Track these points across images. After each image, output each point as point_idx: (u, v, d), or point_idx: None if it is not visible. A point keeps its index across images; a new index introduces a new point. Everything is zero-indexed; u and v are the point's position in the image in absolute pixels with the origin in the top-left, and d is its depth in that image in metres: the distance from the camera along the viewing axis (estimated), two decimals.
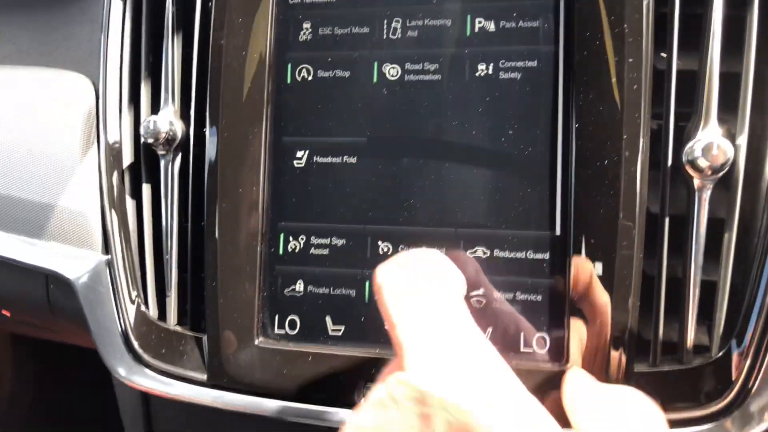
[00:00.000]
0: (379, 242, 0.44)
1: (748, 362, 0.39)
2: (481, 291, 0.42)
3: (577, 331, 0.41)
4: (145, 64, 0.51)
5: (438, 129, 0.44)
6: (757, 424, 0.38)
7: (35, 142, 0.53)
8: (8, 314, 0.69)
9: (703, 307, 0.41)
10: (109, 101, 0.50)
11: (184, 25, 0.50)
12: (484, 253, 0.43)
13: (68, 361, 1.35)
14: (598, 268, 0.40)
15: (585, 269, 0.40)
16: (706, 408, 0.39)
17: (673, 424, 0.39)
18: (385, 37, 0.45)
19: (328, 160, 0.46)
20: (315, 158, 0.46)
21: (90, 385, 1.39)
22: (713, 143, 0.39)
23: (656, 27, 0.41)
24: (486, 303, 0.42)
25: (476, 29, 0.44)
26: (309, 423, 0.44)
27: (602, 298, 0.40)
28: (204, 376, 0.47)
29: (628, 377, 0.40)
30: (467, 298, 0.41)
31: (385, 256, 0.44)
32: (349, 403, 0.43)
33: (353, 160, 0.45)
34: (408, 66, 0.45)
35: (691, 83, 0.42)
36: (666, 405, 0.40)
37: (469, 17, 0.44)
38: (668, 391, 0.40)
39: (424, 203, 0.44)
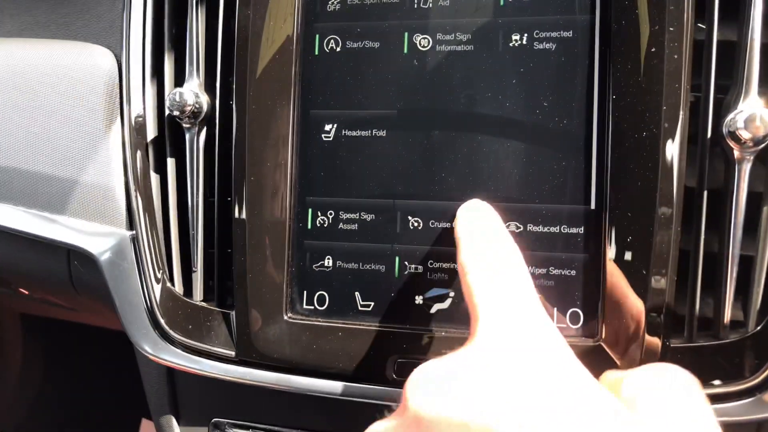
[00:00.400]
0: (409, 217, 0.44)
1: None
2: None
3: (613, 307, 0.40)
4: (168, 36, 0.50)
5: (470, 101, 0.43)
6: None
7: (58, 115, 0.52)
8: (26, 292, 0.68)
9: (739, 282, 0.41)
10: (133, 75, 0.50)
11: None
12: (518, 227, 0.42)
13: (77, 340, 1.35)
14: (635, 243, 0.40)
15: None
16: (743, 383, 0.39)
17: (710, 398, 0.39)
18: (416, 6, 0.44)
19: (357, 133, 0.45)
20: (344, 131, 0.45)
21: (99, 364, 1.39)
22: (756, 114, 0.38)
23: None
24: None
25: None
26: (339, 398, 0.44)
27: (638, 273, 0.39)
28: (232, 352, 0.46)
29: (664, 352, 0.40)
30: None
31: (416, 232, 0.44)
32: (380, 379, 0.43)
33: (383, 133, 0.44)
34: (439, 36, 0.44)
35: (730, 54, 0.41)
36: (702, 380, 0.40)
37: None
38: (704, 366, 0.40)
39: (456, 177, 0.43)
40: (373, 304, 0.44)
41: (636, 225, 0.40)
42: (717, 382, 0.40)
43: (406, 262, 0.44)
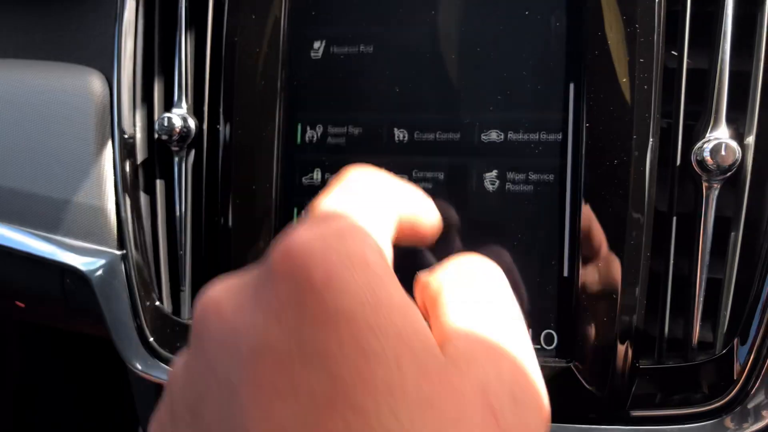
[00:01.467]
0: (395, 129, 0.45)
1: (751, 361, 0.40)
2: None
3: (585, 328, 0.41)
4: (158, 59, 0.51)
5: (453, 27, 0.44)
6: (756, 422, 0.39)
7: (50, 137, 0.53)
8: (22, 305, 0.70)
9: (709, 304, 0.42)
10: (123, 97, 0.51)
11: (196, 20, 0.51)
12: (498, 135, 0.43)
13: (77, 348, 1.37)
14: (606, 267, 0.41)
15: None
16: (708, 404, 0.40)
17: (676, 419, 0.40)
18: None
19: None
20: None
21: (98, 372, 1.41)
22: (722, 144, 0.40)
23: (667, 24, 0.42)
24: None
25: None
26: None
27: (609, 296, 0.41)
28: None
29: (633, 372, 0.41)
30: None
31: (401, 144, 0.45)
32: None
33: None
34: None
35: (702, 82, 0.42)
36: (670, 400, 0.41)
37: None
38: (673, 387, 0.41)
39: (439, 90, 0.44)
40: None
41: (607, 249, 0.41)
42: (684, 402, 0.41)
43: (391, 173, 0.45)
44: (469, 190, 0.44)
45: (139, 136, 0.51)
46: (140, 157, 0.51)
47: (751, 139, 0.41)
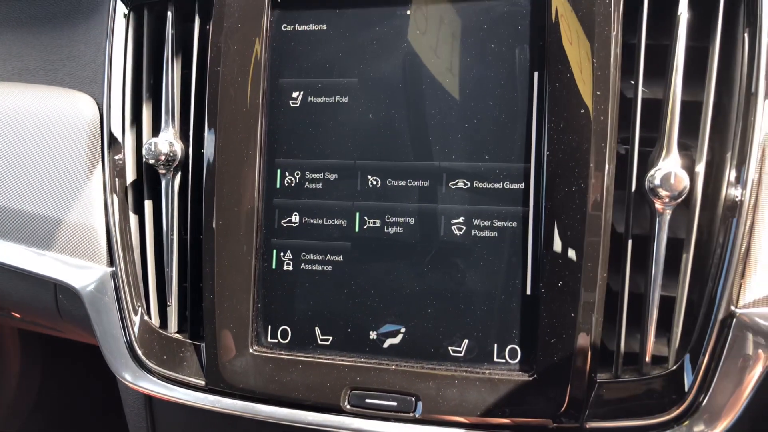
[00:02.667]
0: (369, 176, 0.48)
1: (701, 375, 0.42)
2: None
3: (546, 344, 0.44)
4: (146, 86, 0.54)
5: (424, 78, 0.47)
6: None
7: (43, 158, 0.56)
8: (18, 315, 0.73)
9: (664, 321, 0.44)
10: (113, 122, 0.54)
11: (183, 49, 0.53)
12: (465, 184, 0.46)
13: (73, 354, 1.39)
14: (565, 286, 0.43)
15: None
16: (660, 416, 0.43)
17: (629, 431, 0.43)
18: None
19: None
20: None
21: (95, 378, 1.43)
22: (671, 173, 0.42)
23: (624, 55, 0.44)
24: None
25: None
26: (298, 426, 0.48)
27: (568, 313, 0.43)
28: (202, 382, 0.50)
29: (591, 386, 0.44)
30: None
31: (374, 189, 0.48)
32: (335, 408, 0.47)
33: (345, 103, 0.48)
34: None
35: (657, 110, 0.45)
36: (625, 412, 0.44)
37: None
38: (628, 400, 0.44)
39: (411, 140, 0.47)
40: (331, 338, 0.48)
41: (566, 270, 0.44)
42: (639, 414, 0.43)
43: (365, 217, 0.48)
44: (438, 235, 0.46)
45: (128, 158, 0.54)
46: (129, 178, 0.54)
47: (701, 167, 0.44)
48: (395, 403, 0.46)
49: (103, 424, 1.45)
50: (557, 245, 0.44)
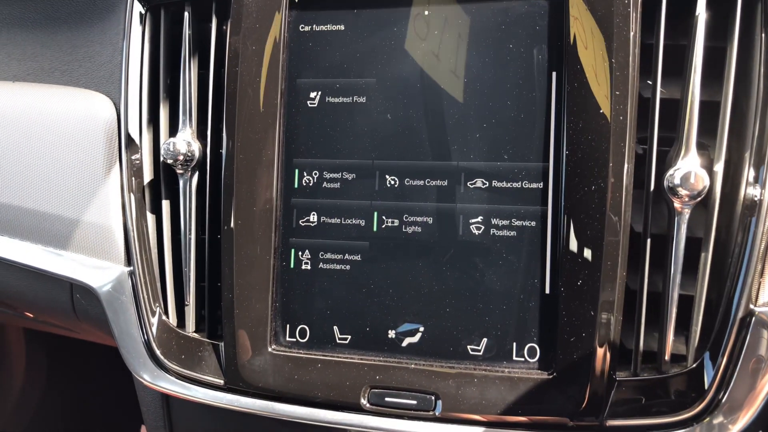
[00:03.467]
0: (387, 176, 0.48)
1: (720, 373, 0.42)
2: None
3: (566, 342, 0.44)
4: (163, 86, 0.54)
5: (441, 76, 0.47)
6: (725, 431, 0.42)
7: (62, 158, 0.56)
8: (31, 315, 0.73)
9: (682, 319, 0.45)
10: (131, 122, 0.54)
11: (199, 49, 0.54)
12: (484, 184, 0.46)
13: (79, 354, 1.39)
14: (584, 285, 0.44)
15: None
16: (679, 414, 0.43)
17: (650, 428, 0.43)
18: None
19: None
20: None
21: (99, 373, 1.43)
22: (691, 172, 0.42)
23: (643, 55, 0.44)
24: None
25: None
26: (317, 425, 0.48)
27: (588, 312, 0.44)
28: (221, 381, 0.50)
29: (610, 384, 0.44)
30: None
31: (392, 189, 0.48)
32: (354, 407, 0.47)
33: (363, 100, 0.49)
34: None
35: (675, 109, 0.45)
36: (644, 410, 0.44)
37: None
38: (647, 398, 0.44)
39: (429, 139, 0.47)
40: (349, 337, 0.48)
41: (586, 268, 0.44)
42: (657, 412, 0.44)
43: (383, 217, 0.48)
44: (457, 234, 0.47)
45: (146, 158, 0.54)
46: (146, 178, 0.54)
47: (719, 166, 0.44)
48: (415, 402, 0.46)
49: (107, 423, 1.45)
50: (576, 244, 0.44)
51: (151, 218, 0.54)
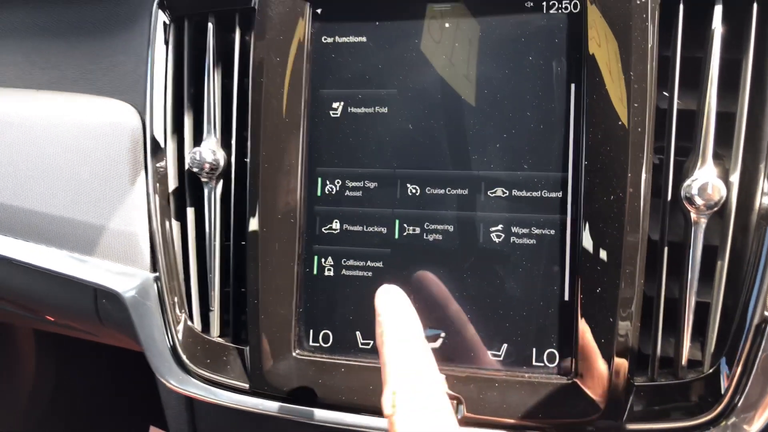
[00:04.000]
0: (408, 185, 0.49)
1: (736, 378, 0.44)
2: None
3: (584, 348, 0.45)
4: (187, 95, 0.55)
5: (462, 87, 0.48)
6: None
7: (88, 166, 0.57)
8: (52, 319, 0.74)
9: (698, 326, 0.46)
10: (156, 131, 0.55)
11: (223, 59, 0.55)
12: (504, 193, 0.47)
13: (88, 352, 1.41)
14: (603, 292, 0.45)
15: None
16: (696, 418, 0.44)
17: None
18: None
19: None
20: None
21: (108, 375, 1.44)
22: (708, 183, 0.44)
23: (659, 67, 0.45)
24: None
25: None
26: (341, 428, 0.49)
27: (606, 318, 0.45)
28: (246, 385, 0.52)
29: (629, 389, 0.45)
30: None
31: (413, 197, 0.49)
32: (378, 411, 0.48)
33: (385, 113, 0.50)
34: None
35: (691, 120, 0.46)
36: (662, 415, 0.45)
37: None
38: (664, 402, 0.45)
39: (450, 148, 0.48)
40: (372, 342, 0.50)
41: (604, 276, 0.45)
42: (674, 416, 0.45)
43: (405, 225, 0.49)
44: (477, 242, 0.48)
45: (170, 166, 0.55)
46: (171, 185, 0.55)
47: (735, 177, 0.45)
48: None
49: (117, 424, 1.46)
50: (595, 252, 0.45)
51: (175, 225, 0.55)
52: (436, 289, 0.48)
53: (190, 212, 0.55)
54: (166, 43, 0.56)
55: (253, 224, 0.51)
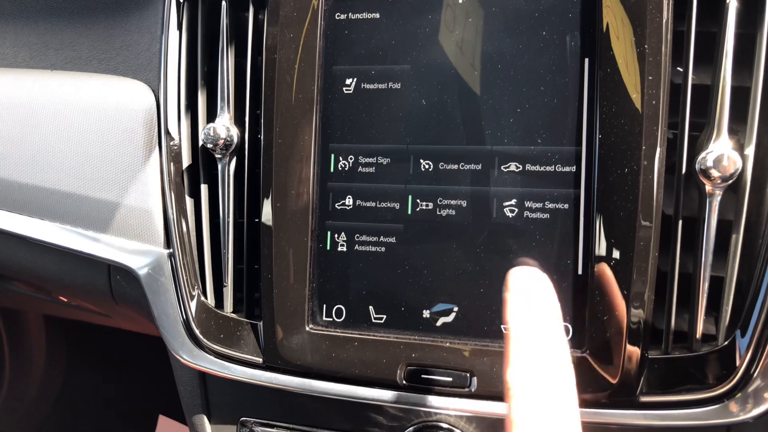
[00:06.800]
0: (421, 160, 0.49)
1: (751, 350, 0.44)
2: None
3: (597, 321, 0.45)
4: (201, 73, 0.56)
5: (474, 63, 0.48)
6: (757, 406, 0.43)
7: (102, 144, 0.58)
8: (65, 300, 0.74)
9: (711, 300, 0.46)
10: (170, 108, 0.55)
11: (237, 37, 0.55)
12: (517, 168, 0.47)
13: (97, 341, 1.42)
14: (617, 265, 0.45)
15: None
16: (711, 391, 0.44)
17: (682, 404, 0.44)
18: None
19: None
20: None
21: (118, 363, 1.45)
22: (724, 155, 0.43)
23: (674, 43, 0.45)
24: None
25: None
26: (354, 401, 0.50)
27: (620, 292, 0.45)
28: (259, 359, 0.52)
29: (643, 362, 0.45)
30: None
31: (426, 173, 0.49)
32: (391, 384, 0.48)
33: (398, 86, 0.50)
34: None
35: (705, 96, 0.46)
36: (677, 387, 0.45)
37: None
38: (678, 375, 0.45)
39: (463, 124, 0.48)
40: (385, 317, 0.50)
41: (618, 249, 0.45)
42: (689, 388, 0.45)
43: (418, 200, 0.49)
44: (491, 217, 0.48)
45: (184, 144, 0.56)
46: (185, 162, 0.56)
47: (750, 150, 0.45)
48: (450, 379, 0.47)
49: (126, 414, 1.47)
50: (609, 226, 0.45)
51: (189, 202, 0.56)
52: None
53: (204, 189, 0.55)
54: (180, 22, 0.56)
55: (267, 200, 0.51)
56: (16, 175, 0.60)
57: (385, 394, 0.49)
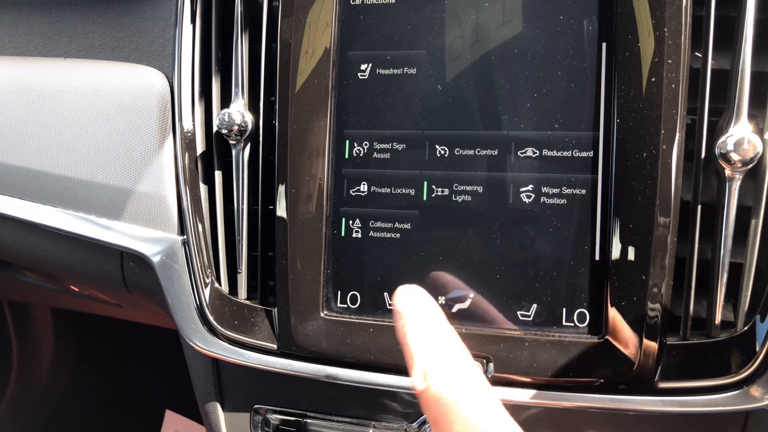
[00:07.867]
0: (437, 146, 0.49)
1: None
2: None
3: (615, 307, 0.45)
4: (215, 59, 0.55)
5: (490, 57, 0.48)
6: None
7: (116, 130, 0.58)
8: (76, 289, 0.74)
9: (730, 286, 0.45)
10: (183, 94, 0.55)
11: (251, 23, 0.55)
12: (534, 153, 0.47)
13: (105, 336, 1.42)
14: (636, 251, 0.44)
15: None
16: (732, 377, 0.44)
17: (702, 390, 0.44)
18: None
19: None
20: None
21: (125, 357, 1.46)
22: (744, 138, 0.43)
23: (693, 27, 0.45)
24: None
25: None
26: (369, 387, 0.49)
27: (638, 278, 0.44)
28: (273, 346, 0.52)
29: (661, 348, 0.45)
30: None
31: (442, 159, 0.49)
32: (406, 370, 0.48)
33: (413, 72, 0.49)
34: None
35: (724, 81, 0.46)
36: (696, 373, 0.45)
37: None
38: (697, 362, 0.45)
39: (479, 109, 0.48)
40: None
41: (637, 235, 0.45)
42: (708, 375, 0.44)
43: (433, 186, 0.49)
44: (507, 203, 0.47)
45: (198, 130, 0.55)
46: (199, 149, 0.55)
47: None
48: None
49: (134, 408, 1.48)
50: (627, 211, 0.45)
51: (203, 188, 0.55)
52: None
53: (218, 175, 0.55)
54: (194, 8, 0.56)
55: (281, 187, 0.51)
56: (29, 163, 0.60)
57: (400, 380, 0.48)
